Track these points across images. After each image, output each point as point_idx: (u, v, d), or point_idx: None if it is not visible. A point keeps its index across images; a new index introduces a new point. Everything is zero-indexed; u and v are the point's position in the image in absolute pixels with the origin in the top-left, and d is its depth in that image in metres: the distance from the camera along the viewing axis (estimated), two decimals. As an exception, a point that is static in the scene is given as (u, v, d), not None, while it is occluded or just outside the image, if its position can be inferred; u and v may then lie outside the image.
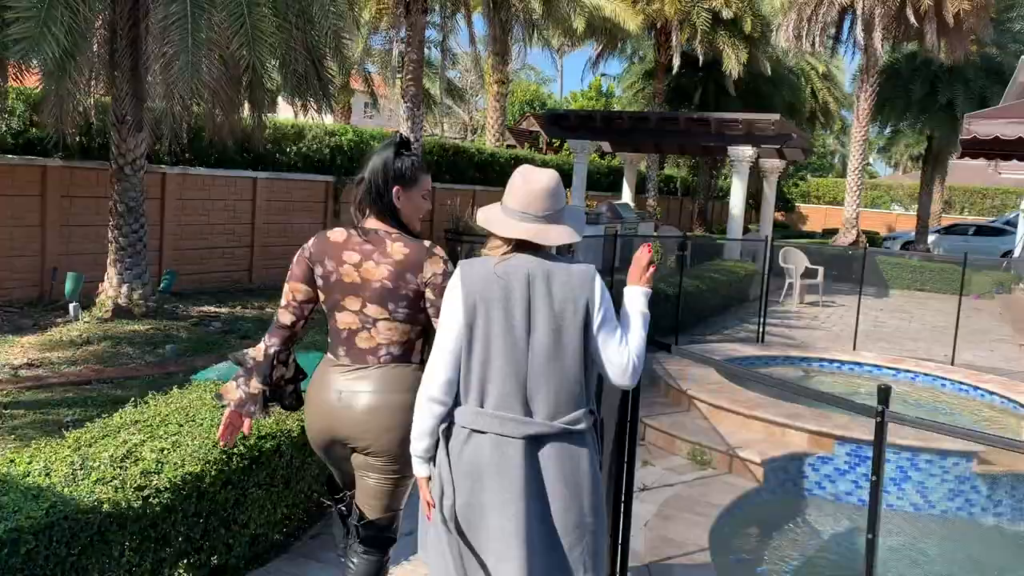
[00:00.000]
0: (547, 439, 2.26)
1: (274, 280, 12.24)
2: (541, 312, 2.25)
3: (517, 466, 2.23)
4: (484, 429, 2.27)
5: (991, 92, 22.32)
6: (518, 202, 2.31)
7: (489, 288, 2.27)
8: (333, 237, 2.75)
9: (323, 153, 13.00)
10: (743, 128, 14.24)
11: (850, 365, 8.07)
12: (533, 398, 2.26)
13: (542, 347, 2.25)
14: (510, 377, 2.25)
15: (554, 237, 2.30)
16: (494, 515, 2.25)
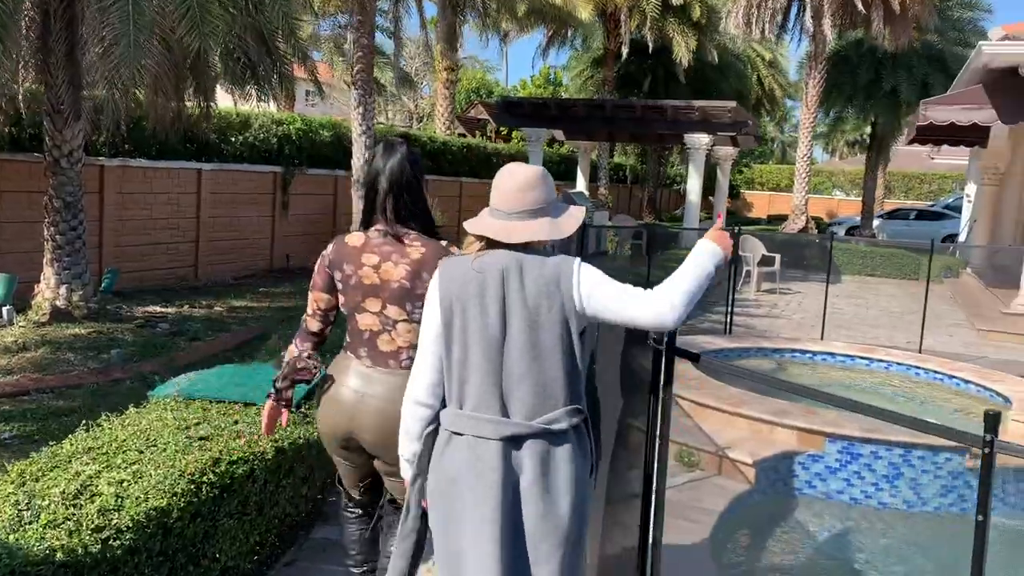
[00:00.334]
0: (524, 440, 2.18)
1: (221, 276, 11.72)
2: (515, 308, 2.18)
3: (493, 469, 2.16)
4: (461, 431, 2.21)
5: (933, 79, 22.69)
6: (495, 200, 2.28)
7: (465, 286, 2.22)
8: (352, 242, 2.76)
9: (270, 143, 12.48)
10: (699, 115, 14.12)
11: (823, 355, 7.95)
12: (510, 397, 2.19)
13: (517, 344, 2.18)
14: (487, 376, 2.20)
15: (519, 233, 2.22)
16: (468, 524, 2.19)
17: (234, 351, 7.98)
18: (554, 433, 2.19)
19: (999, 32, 10.34)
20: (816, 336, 10.32)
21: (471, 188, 18.40)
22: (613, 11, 21.71)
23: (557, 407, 2.20)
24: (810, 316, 12.26)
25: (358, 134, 12.55)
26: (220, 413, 3.60)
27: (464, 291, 2.22)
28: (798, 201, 21.65)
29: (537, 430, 2.18)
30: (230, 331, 8.79)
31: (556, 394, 2.20)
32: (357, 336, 2.78)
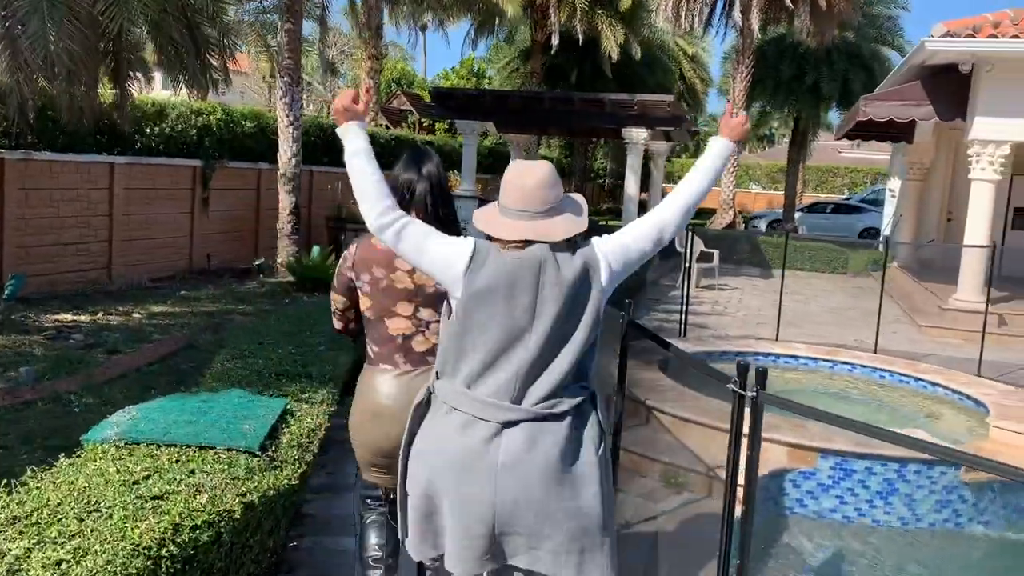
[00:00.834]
0: (519, 423, 2.19)
1: (137, 278, 10.85)
2: (549, 301, 2.20)
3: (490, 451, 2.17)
4: (462, 409, 2.22)
5: (853, 75, 23.13)
6: (515, 200, 2.24)
7: (496, 275, 2.21)
8: (380, 244, 2.64)
9: (189, 134, 11.63)
10: (638, 109, 13.86)
11: (786, 359, 7.74)
12: (528, 386, 2.21)
13: (545, 336, 2.20)
14: (506, 364, 2.20)
15: (560, 231, 2.24)
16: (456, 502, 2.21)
17: (160, 364, 7.28)
18: (555, 415, 2.21)
19: (941, 28, 10.35)
20: (768, 335, 10.16)
21: (400, 182, 17.76)
22: (542, 2, 21.32)
23: (566, 391, 2.23)
24: (753, 313, 12.15)
25: (285, 125, 11.82)
26: (172, 460, 3.02)
27: (495, 279, 2.20)
28: (725, 196, 21.75)
29: (536, 414, 2.19)
30: (152, 341, 8.04)
31: (570, 379, 2.24)
32: (387, 343, 2.74)
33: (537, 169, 2.28)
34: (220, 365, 4.35)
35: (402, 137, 17.99)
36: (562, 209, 2.27)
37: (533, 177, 2.26)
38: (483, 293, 2.21)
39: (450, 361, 2.29)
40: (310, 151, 14.47)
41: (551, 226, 2.24)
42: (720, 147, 2.48)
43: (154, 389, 6.56)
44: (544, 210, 2.24)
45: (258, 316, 9.61)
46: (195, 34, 7.47)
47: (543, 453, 2.17)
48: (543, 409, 2.20)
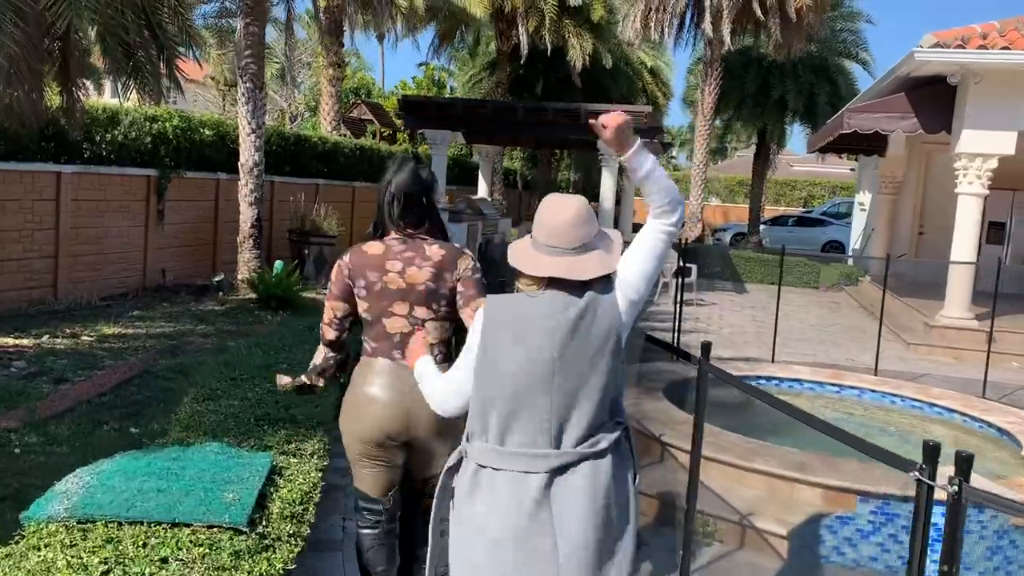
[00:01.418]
0: (570, 467, 2.19)
1: (86, 297, 10.06)
2: (575, 344, 2.19)
3: (538, 502, 2.16)
4: (501, 467, 2.21)
5: (819, 89, 23.07)
6: (547, 236, 2.25)
7: (517, 323, 2.23)
8: (371, 250, 2.92)
9: (143, 142, 10.88)
10: (614, 120, 13.40)
11: (789, 383, 7.30)
12: (562, 430, 2.20)
13: (573, 379, 2.19)
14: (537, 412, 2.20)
15: (590, 270, 2.23)
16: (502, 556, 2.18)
17: (113, 395, 6.58)
18: (598, 453, 2.21)
19: (930, 39, 10.11)
20: (757, 354, 9.76)
21: (365, 193, 17.10)
22: (509, 11, 20.86)
23: (601, 428, 2.23)
24: (737, 330, 11.77)
25: (247, 132, 11.14)
26: (138, 544, 2.41)
27: (514, 328, 2.21)
28: (693, 209, 21.47)
29: (583, 455, 2.19)
30: (103, 368, 7.32)
31: (603, 416, 2.24)
32: (386, 340, 2.90)
33: (571, 205, 2.27)
34: (190, 408, 3.73)
35: (366, 147, 17.35)
36: (594, 246, 2.26)
37: (566, 214, 2.25)
38: (501, 344, 2.23)
39: (479, 419, 2.26)
40: (272, 160, 13.79)
41: (581, 263, 2.23)
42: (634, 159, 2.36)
43: (107, 424, 5.90)
44: (575, 247, 2.23)
45: (219, 337, 8.92)
46: (154, 32, 6.80)
47: (593, 492, 2.18)
48: (585, 449, 2.20)
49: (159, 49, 6.83)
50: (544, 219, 2.26)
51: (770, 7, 18.66)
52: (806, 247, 27.20)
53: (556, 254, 2.22)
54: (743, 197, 42.06)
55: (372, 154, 17.41)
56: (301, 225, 13.52)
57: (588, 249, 2.24)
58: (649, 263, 2.33)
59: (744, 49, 23.14)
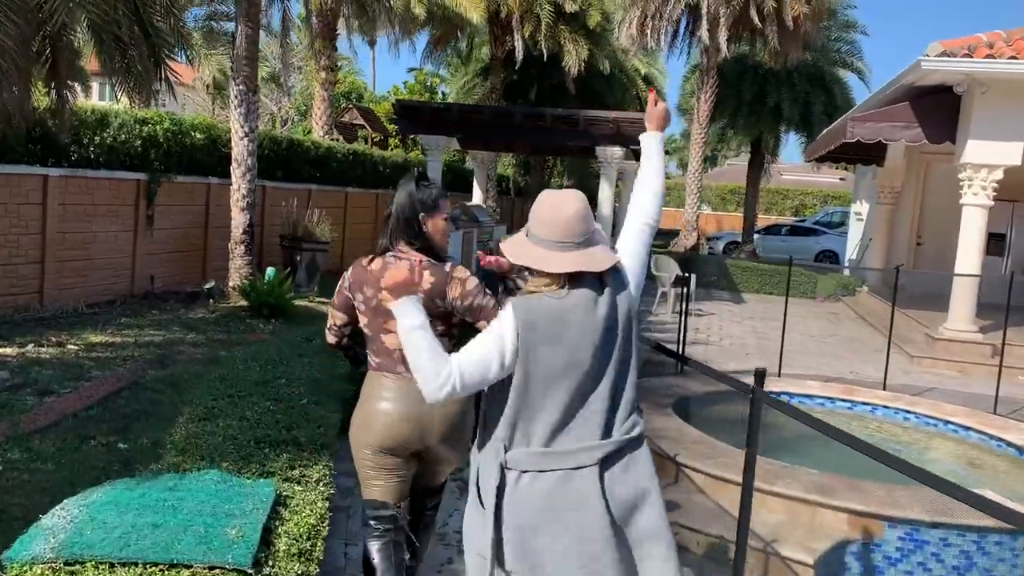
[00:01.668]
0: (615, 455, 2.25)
1: (73, 303, 9.78)
2: (605, 335, 2.23)
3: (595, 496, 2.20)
4: (555, 467, 2.22)
5: (814, 98, 23.00)
6: (556, 232, 2.23)
7: (556, 327, 2.21)
8: (371, 266, 2.97)
9: (133, 145, 10.61)
10: (613, 127, 13.24)
11: (800, 398, 7.10)
12: (606, 421, 2.25)
13: (609, 369, 2.24)
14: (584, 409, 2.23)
15: (605, 261, 2.26)
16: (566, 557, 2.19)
17: (100, 407, 6.32)
18: (636, 439, 2.31)
19: (937, 47, 9.98)
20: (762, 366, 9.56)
21: (358, 199, 16.86)
22: (505, 16, 20.67)
23: (635, 413, 2.32)
24: (737, 342, 11.58)
25: (239, 136, 10.89)
26: (132, 590, 2.18)
27: (551, 332, 2.20)
28: (689, 217, 21.33)
29: (625, 441, 2.26)
30: (91, 379, 7.05)
31: (637, 401, 2.34)
32: (387, 355, 2.92)
33: (574, 199, 2.29)
34: (185, 429, 3.49)
35: (359, 152, 17.11)
36: (596, 240, 2.29)
37: (570, 208, 2.25)
38: (539, 350, 2.20)
39: (520, 427, 2.24)
40: (264, 165, 13.53)
41: (594, 256, 2.24)
42: (655, 140, 2.63)
43: (94, 440, 5.64)
44: (583, 240, 2.24)
45: (209, 347, 8.67)
46: (146, 30, 6.56)
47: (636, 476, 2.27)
48: (624, 436, 2.27)
49: (150, 48, 6.59)
50: (547, 215, 2.25)
51: (767, 15, 18.54)
52: (800, 256, 27.06)
53: (568, 249, 2.22)
54: (735, 206, 42.06)
55: (365, 159, 17.17)
56: (293, 231, 13.26)
57: (593, 243, 2.27)
58: (643, 253, 2.47)
59: (740, 57, 23.04)
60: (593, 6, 21.29)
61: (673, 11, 19.44)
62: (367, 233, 17.64)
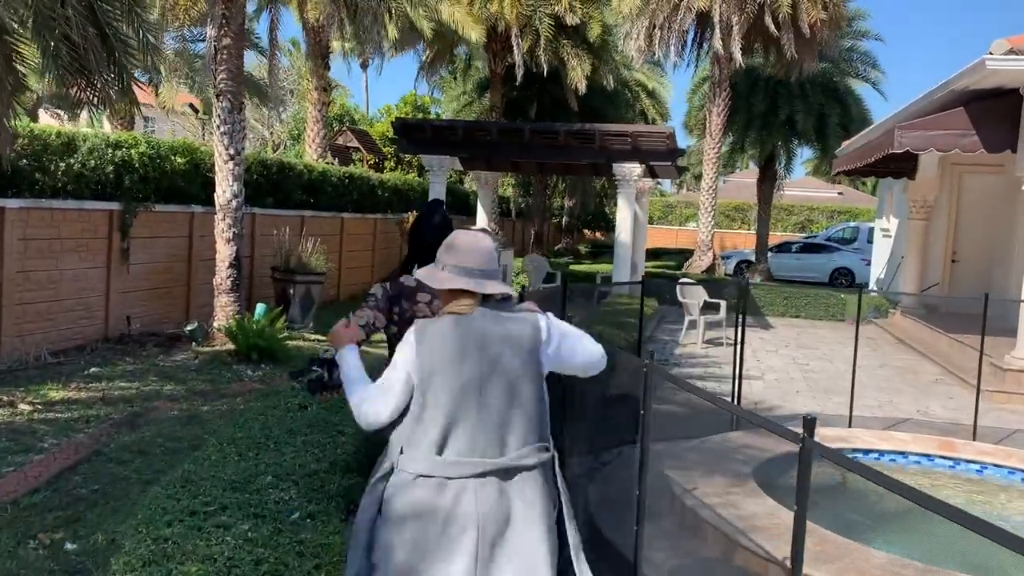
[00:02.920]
0: (495, 475, 2.35)
1: (35, 351, 8.61)
2: (498, 356, 2.38)
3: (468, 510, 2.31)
4: (434, 474, 2.34)
5: (829, 109, 22.05)
6: (465, 260, 2.48)
7: (446, 342, 2.39)
8: (406, 282, 3.29)
9: (105, 172, 9.50)
10: (631, 143, 12.18)
11: (891, 455, 5.97)
12: (492, 440, 2.36)
13: (499, 391, 2.37)
14: (468, 423, 2.35)
15: (492, 288, 2.48)
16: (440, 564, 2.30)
17: (49, 490, 5.17)
18: (526, 468, 2.38)
19: (1003, 45, 8.94)
20: (815, 406, 8.45)
21: (354, 225, 15.74)
22: (503, 30, 19.68)
23: (527, 444, 2.41)
24: (783, 376, 10.43)
25: (224, 160, 9.80)
26: None
27: (445, 347, 2.38)
28: (704, 236, 20.27)
29: (510, 466, 2.36)
30: (43, 450, 5.89)
31: (529, 433, 2.41)
32: None
33: (486, 238, 2.59)
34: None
35: (355, 175, 16.01)
36: (496, 276, 2.52)
37: (484, 244, 2.53)
38: (436, 362, 2.37)
39: (415, 433, 2.38)
40: (253, 191, 12.44)
41: (492, 284, 2.48)
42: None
43: (35, 539, 4.48)
44: (487, 271, 2.48)
45: (189, 401, 7.52)
46: (104, 34, 5.45)
47: (511, 502, 2.34)
48: (511, 461, 2.36)
49: (109, 54, 5.48)
50: (463, 245, 2.52)
51: (783, 22, 17.59)
52: (814, 275, 26.05)
53: (473, 275, 2.46)
54: (740, 223, 41.03)
55: (362, 183, 16.07)
56: (286, 262, 12.13)
57: (495, 276, 2.51)
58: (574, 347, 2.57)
59: (750, 69, 22.07)
60: (594, 19, 20.32)
61: (683, 20, 18.47)
62: (365, 260, 16.52)
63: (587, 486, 5.21)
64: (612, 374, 4.51)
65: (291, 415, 4.46)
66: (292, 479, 3.35)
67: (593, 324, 9.25)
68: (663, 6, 18.50)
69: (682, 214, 43.47)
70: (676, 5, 18.38)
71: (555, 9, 19.46)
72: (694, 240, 39.29)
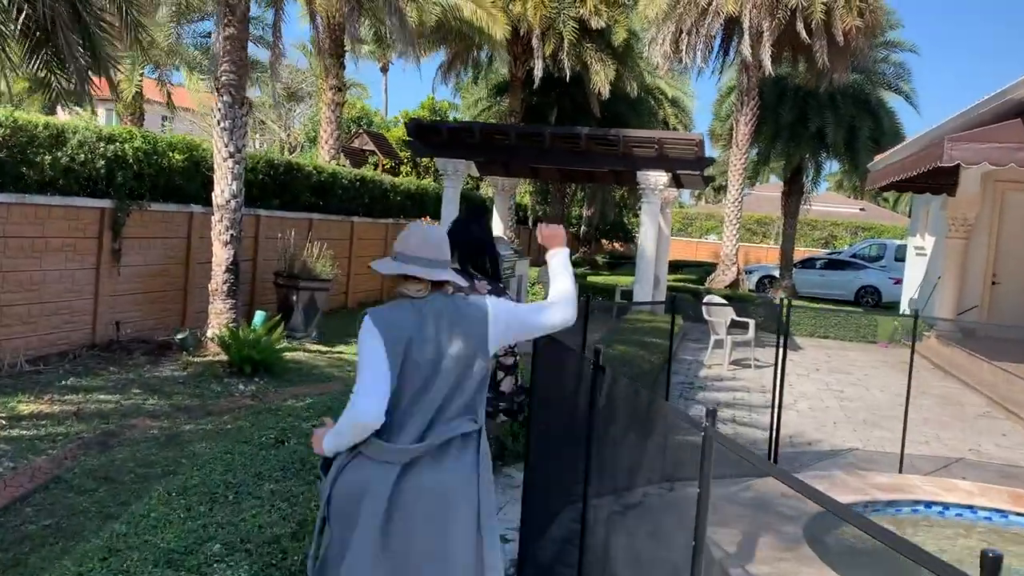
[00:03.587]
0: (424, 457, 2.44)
1: (11, 358, 7.98)
2: (448, 343, 2.51)
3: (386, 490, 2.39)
4: (372, 455, 2.43)
5: (860, 122, 21.25)
6: (417, 248, 2.59)
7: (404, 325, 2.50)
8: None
9: (95, 166, 8.89)
10: (657, 149, 11.47)
11: (958, 509, 5.22)
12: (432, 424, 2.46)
13: (450, 375, 2.49)
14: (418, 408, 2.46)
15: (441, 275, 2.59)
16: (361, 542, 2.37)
17: (-8, 527, 4.50)
18: (449, 441, 2.47)
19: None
20: (853, 440, 7.70)
21: (365, 229, 15.12)
22: (525, 33, 19.05)
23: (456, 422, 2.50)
24: (816, 405, 9.66)
25: (223, 157, 9.18)
26: None
27: (403, 330, 2.48)
28: (728, 250, 19.51)
29: (429, 447, 2.44)
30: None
31: (463, 408, 2.52)
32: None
33: (439, 231, 2.73)
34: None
35: (367, 178, 15.37)
36: (446, 267, 2.62)
37: (436, 235, 2.66)
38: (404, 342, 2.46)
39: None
40: (259, 191, 11.83)
41: (442, 272, 2.58)
42: (562, 257, 2.91)
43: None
44: (439, 261, 2.59)
45: (171, 419, 6.87)
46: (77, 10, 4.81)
47: (434, 482, 2.43)
48: (435, 440, 2.45)
49: (84, 33, 4.84)
50: (414, 236, 2.62)
51: (815, 28, 16.85)
52: (839, 293, 25.19)
53: (421, 264, 2.56)
54: (760, 237, 40.16)
55: (374, 186, 15.44)
56: (289, 267, 11.50)
57: (444, 267, 2.61)
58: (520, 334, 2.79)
59: (779, 78, 21.33)
60: (619, 23, 19.67)
61: (711, 26, 17.75)
62: (375, 267, 15.87)
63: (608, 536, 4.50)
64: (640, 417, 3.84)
65: (263, 453, 3.78)
66: (246, 548, 2.67)
67: (615, 343, 8.55)
68: (690, 10, 17.80)
69: (702, 226, 42.67)
70: (704, 9, 17.68)
71: (580, 12, 18.83)
72: (713, 253, 38.76)
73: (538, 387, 3.90)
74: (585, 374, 3.29)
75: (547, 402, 4.07)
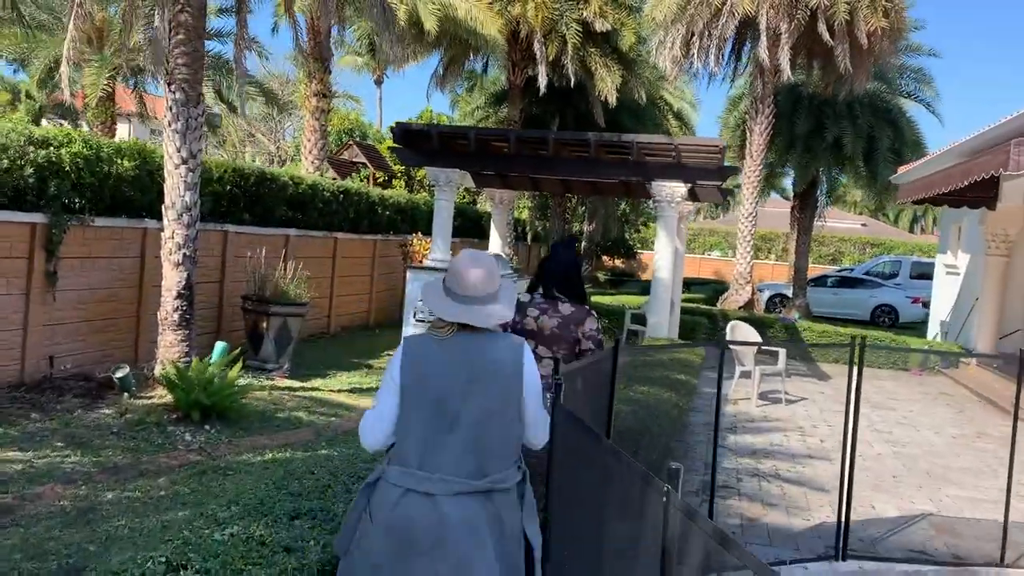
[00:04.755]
0: (473, 495, 2.43)
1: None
2: (477, 379, 2.47)
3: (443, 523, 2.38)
4: (408, 485, 2.44)
5: (879, 132, 19.98)
6: (459, 286, 2.55)
7: (430, 363, 2.51)
8: (521, 298, 3.72)
9: (23, 174, 7.58)
10: (674, 156, 10.19)
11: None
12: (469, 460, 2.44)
13: (477, 411, 2.46)
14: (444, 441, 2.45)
15: (493, 319, 2.55)
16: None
17: None
18: (502, 490, 2.48)
19: None
20: (922, 501, 6.33)
21: (349, 247, 13.79)
22: (525, 36, 17.80)
23: (505, 468, 2.51)
24: (866, 450, 8.28)
25: (176, 163, 7.88)
26: None
27: (426, 366, 2.50)
28: (742, 268, 18.21)
29: (485, 487, 2.44)
30: None
31: (505, 454, 2.52)
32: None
33: (484, 263, 2.62)
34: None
35: (351, 190, 14.05)
36: (497, 298, 2.58)
37: (479, 271, 2.58)
38: (418, 379, 2.49)
39: (399, 445, 2.52)
40: (228, 204, 10.54)
41: (485, 313, 2.53)
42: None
43: None
44: (482, 296, 2.55)
45: (91, 484, 5.52)
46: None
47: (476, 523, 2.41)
48: (487, 484, 2.45)
49: None
50: (460, 271, 2.58)
51: (838, 30, 15.62)
52: (853, 312, 23.92)
53: (465, 303, 2.53)
54: (766, 253, 38.89)
55: (359, 199, 14.13)
56: (260, 289, 10.16)
57: (492, 300, 2.56)
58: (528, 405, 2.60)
59: (793, 86, 20.09)
60: (626, 26, 18.41)
61: (724, 27, 16.51)
62: (362, 287, 14.53)
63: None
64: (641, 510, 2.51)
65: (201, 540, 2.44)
66: None
67: (635, 383, 7.17)
68: (702, 11, 16.57)
69: (705, 242, 41.41)
70: (717, 10, 16.44)
71: (583, 14, 17.59)
72: (718, 270, 37.48)
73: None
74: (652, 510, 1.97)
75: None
